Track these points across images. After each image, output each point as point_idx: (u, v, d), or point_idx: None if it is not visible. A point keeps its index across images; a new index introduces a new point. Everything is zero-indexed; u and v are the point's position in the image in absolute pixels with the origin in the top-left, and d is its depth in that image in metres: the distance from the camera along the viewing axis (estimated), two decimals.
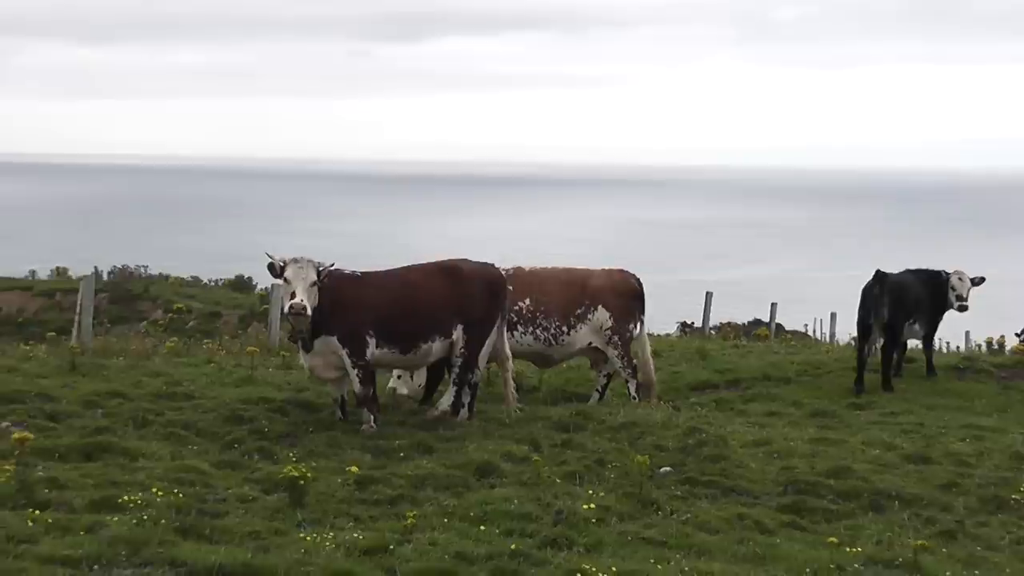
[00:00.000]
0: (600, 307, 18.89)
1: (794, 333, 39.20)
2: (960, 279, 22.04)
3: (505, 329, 17.12)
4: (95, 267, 48.21)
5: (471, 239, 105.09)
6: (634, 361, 19.13)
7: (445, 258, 16.94)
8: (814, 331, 40.86)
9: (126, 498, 11.26)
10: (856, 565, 10.88)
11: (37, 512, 10.73)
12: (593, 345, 19.02)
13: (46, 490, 11.54)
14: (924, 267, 22.64)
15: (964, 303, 22.01)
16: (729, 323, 39.95)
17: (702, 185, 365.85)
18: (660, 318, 31.43)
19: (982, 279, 22.23)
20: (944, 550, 11.74)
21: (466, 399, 16.42)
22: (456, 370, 16.37)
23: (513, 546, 10.54)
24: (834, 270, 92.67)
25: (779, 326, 37.82)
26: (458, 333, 16.24)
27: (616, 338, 18.92)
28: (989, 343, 28.04)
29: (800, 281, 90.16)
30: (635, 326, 19.18)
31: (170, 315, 37.66)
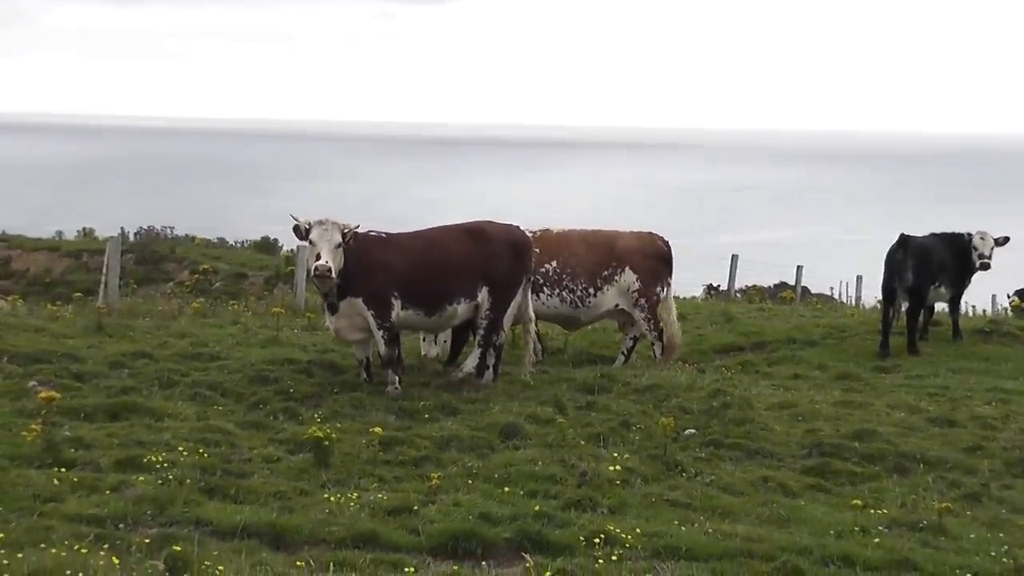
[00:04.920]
0: (627, 269, 18.84)
1: (819, 296, 39.05)
2: (982, 238, 21.90)
3: (530, 291, 17.10)
4: (121, 228, 48.34)
5: (492, 201, 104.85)
6: (661, 324, 19.10)
7: (469, 220, 16.93)
8: (839, 294, 40.70)
9: (151, 458, 11.34)
10: (880, 527, 10.85)
11: (63, 471, 10.82)
12: (620, 307, 18.99)
13: (72, 449, 11.62)
14: (948, 230, 22.51)
15: (987, 260, 21.86)
16: (754, 286, 39.75)
17: (726, 149, 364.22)
18: (686, 280, 31.40)
19: (1007, 239, 22.07)
20: (968, 513, 11.72)
21: (491, 361, 16.42)
22: (481, 332, 16.37)
23: (537, 507, 10.56)
24: (860, 233, 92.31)
25: (805, 289, 37.69)
26: (483, 295, 16.22)
27: (643, 301, 18.87)
28: (1016, 306, 27.88)
29: (826, 244, 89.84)
30: (662, 288, 19.13)
31: (196, 276, 37.74)
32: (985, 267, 21.89)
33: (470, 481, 11.55)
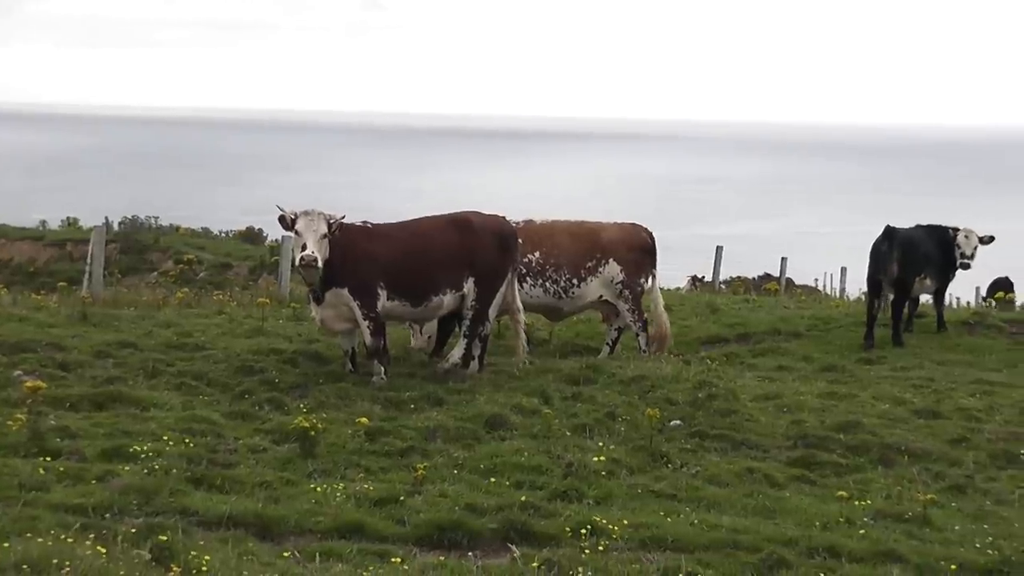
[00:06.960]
0: (611, 260, 18.85)
1: (804, 287, 39.14)
2: (967, 237, 21.91)
3: (516, 282, 17.10)
4: (106, 217, 48.22)
5: (472, 192, 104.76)
6: (645, 315, 19.10)
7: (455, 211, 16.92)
8: (824, 285, 40.77)
9: (137, 448, 11.32)
10: (865, 519, 10.87)
11: (49, 460, 10.79)
12: (604, 298, 19.00)
13: (58, 439, 11.59)
14: (934, 223, 22.54)
15: (967, 261, 21.88)
16: (739, 277, 39.82)
17: (713, 141, 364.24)
18: (670, 272, 31.43)
19: (992, 238, 22.07)
20: (953, 504, 11.74)
21: (476, 351, 16.43)
22: (467, 322, 16.38)
23: (523, 498, 10.56)
24: (845, 225, 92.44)
25: (789, 280, 37.78)
26: (469, 286, 16.23)
27: (627, 292, 18.89)
28: (1000, 298, 27.96)
29: (810, 236, 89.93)
30: (646, 280, 19.15)
31: (180, 266, 37.69)
32: (965, 267, 21.93)
33: (456, 472, 11.55)
